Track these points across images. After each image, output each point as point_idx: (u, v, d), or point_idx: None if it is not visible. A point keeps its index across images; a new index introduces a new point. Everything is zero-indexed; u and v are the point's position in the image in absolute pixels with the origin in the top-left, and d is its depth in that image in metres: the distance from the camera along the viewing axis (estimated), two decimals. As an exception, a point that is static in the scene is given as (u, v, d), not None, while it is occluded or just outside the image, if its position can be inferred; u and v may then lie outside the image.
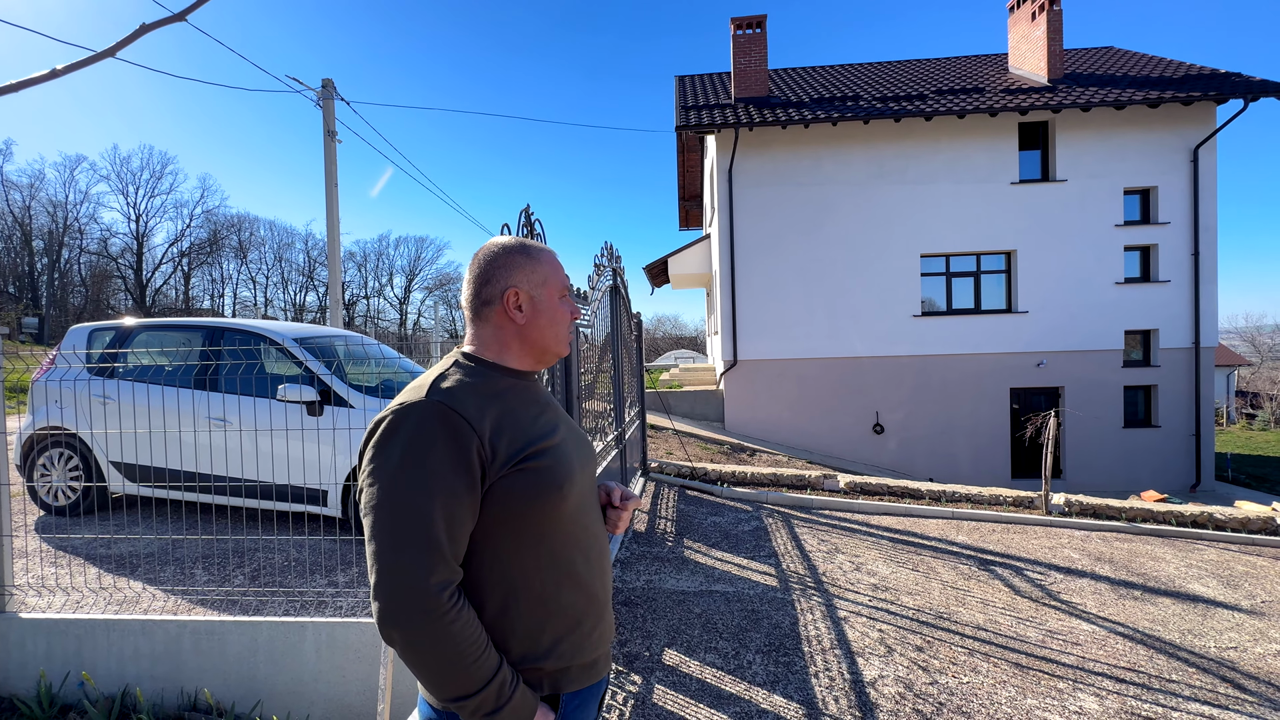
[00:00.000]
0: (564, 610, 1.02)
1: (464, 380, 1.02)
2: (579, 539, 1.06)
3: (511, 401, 1.04)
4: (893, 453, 12.16)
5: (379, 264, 54.52)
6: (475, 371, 1.05)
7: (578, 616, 1.04)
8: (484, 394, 1.01)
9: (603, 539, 1.14)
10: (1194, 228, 11.63)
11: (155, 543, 4.03)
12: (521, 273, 1.09)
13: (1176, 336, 11.83)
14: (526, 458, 0.98)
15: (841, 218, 12.15)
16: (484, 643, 0.92)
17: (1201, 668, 3.01)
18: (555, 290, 1.12)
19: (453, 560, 0.91)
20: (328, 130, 10.81)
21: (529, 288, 1.10)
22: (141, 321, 4.95)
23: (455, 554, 0.92)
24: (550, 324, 1.12)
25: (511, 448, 0.97)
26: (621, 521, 1.20)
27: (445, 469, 0.91)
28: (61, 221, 41.26)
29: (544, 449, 1.01)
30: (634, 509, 1.22)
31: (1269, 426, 28.94)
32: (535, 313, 1.10)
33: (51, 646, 2.43)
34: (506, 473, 0.96)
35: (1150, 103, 11.11)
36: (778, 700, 2.63)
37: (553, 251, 1.17)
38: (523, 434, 1.01)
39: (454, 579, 0.91)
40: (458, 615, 0.89)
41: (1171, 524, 5.46)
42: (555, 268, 1.13)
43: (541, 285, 1.11)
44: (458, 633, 0.88)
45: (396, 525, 0.88)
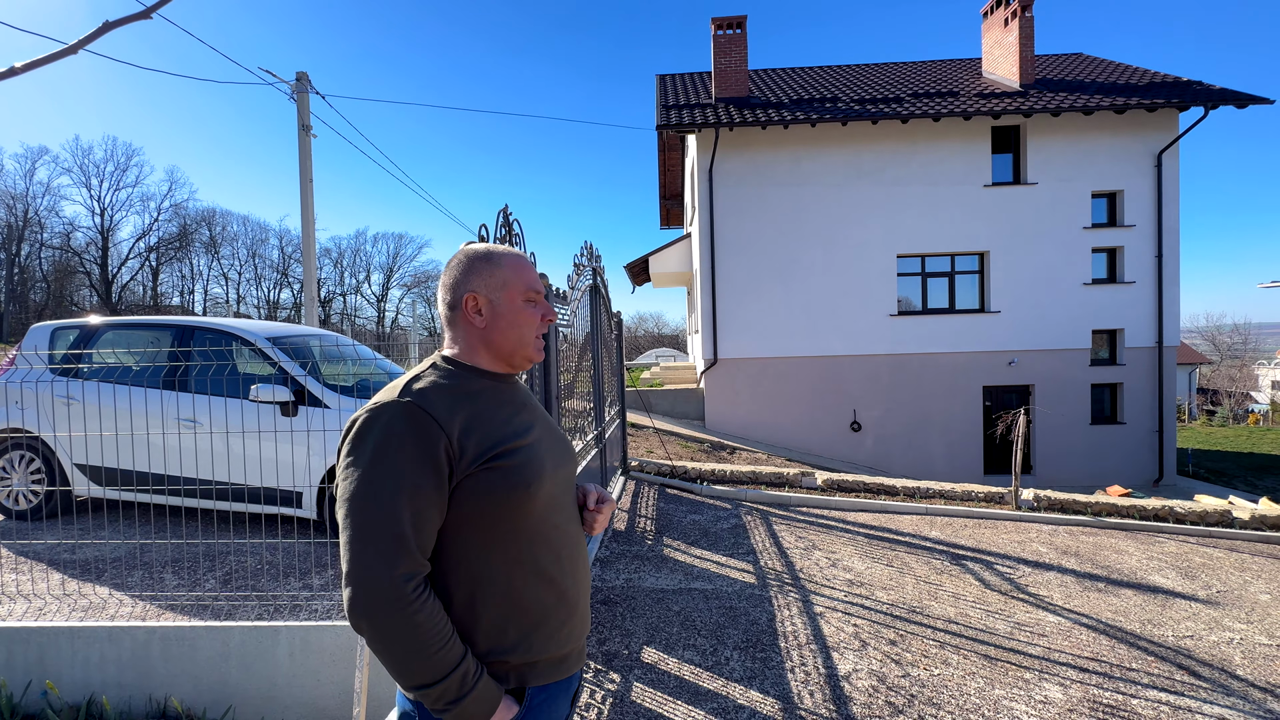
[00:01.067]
0: (531, 606, 1.04)
1: (437, 381, 1.06)
2: (549, 537, 1.08)
3: (484, 402, 1.07)
4: (870, 450, 12.36)
5: (356, 261, 53.66)
6: (450, 373, 1.09)
7: (545, 612, 1.06)
8: (456, 394, 1.04)
9: (577, 538, 1.16)
10: (1158, 230, 12.01)
11: (122, 547, 3.93)
12: (479, 278, 1.12)
13: (1141, 336, 12.21)
14: (495, 457, 1.01)
15: (820, 218, 12.30)
16: (448, 634, 0.95)
17: (1160, 656, 3.12)
18: (517, 293, 1.13)
19: (418, 554, 0.95)
20: (302, 124, 10.61)
21: (486, 292, 1.12)
22: (107, 320, 4.81)
23: (422, 547, 0.95)
24: (510, 327, 1.13)
25: (480, 447, 1.00)
26: (597, 523, 1.22)
27: (413, 467, 0.95)
28: (21, 215, 39.81)
29: (513, 449, 1.04)
30: (610, 511, 1.24)
31: (1228, 423, 30.02)
32: (495, 316, 1.12)
33: (12, 655, 2.36)
34: (474, 471, 0.99)
35: (1117, 109, 11.44)
36: (754, 695, 2.66)
37: (519, 255, 1.17)
38: (492, 434, 1.03)
39: (419, 571, 0.95)
40: (421, 606, 0.92)
41: (1135, 518, 5.64)
42: (518, 271, 1.14)
43: (500, 289, 1.12)
44: (421, 623, 0.92)
45: (366, 519, 0.94)
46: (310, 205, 10.67)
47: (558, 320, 3.67)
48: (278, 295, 50.75)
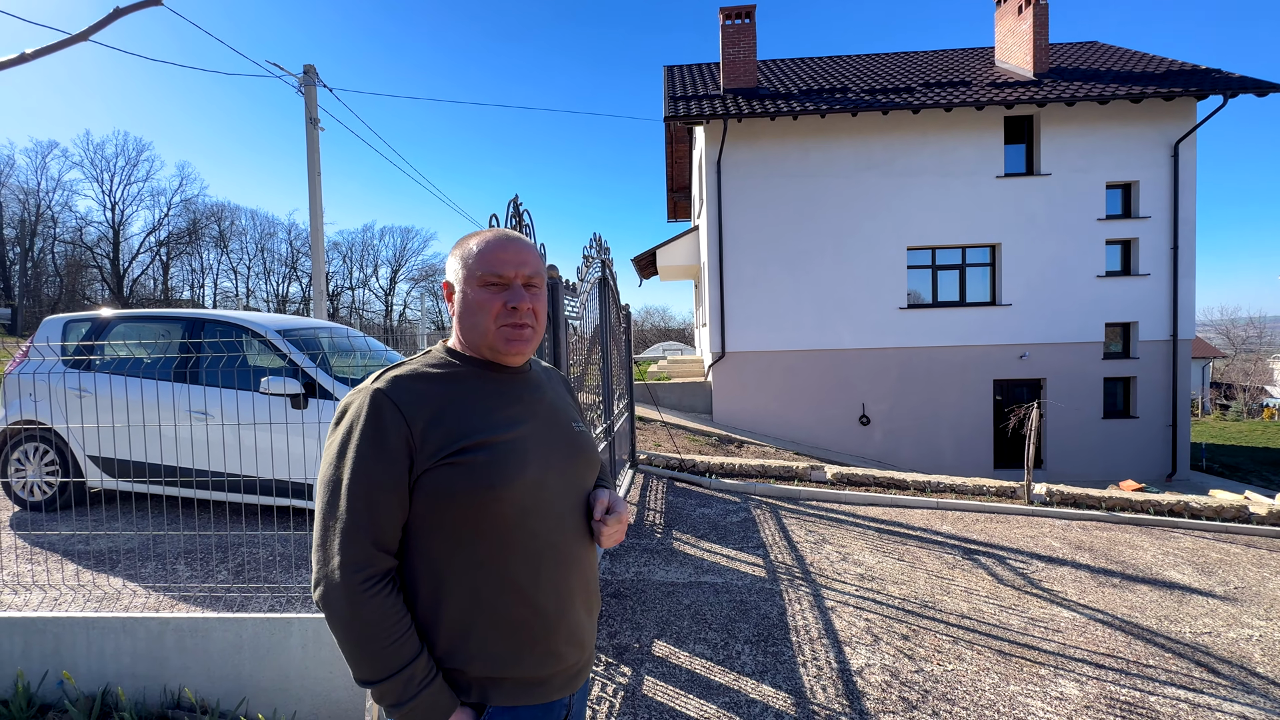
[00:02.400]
0: (499, 617, 0.97)
1: (419, 369, 1.02)
2: (525, 546, 0.98)
3: (467, 393, 1.01)
4: (878, 444, 12.29)
5: (364, 255, 53.89)
6: (441, 362, 1.05)
7: (514, 627, 0.97)
8: (436, 383, 1.00)
9: (570, 551, 1.04)
10: (1173, 222, 11.83)
11: (136, 538, 3.96)
12: (450, 265, 1.08)
13: (1155, 329, 12.05)
14: (459, 451, 0.94)
15: (829, 210, 12.19)
16: (399, 633, 0.91)
17: (1177, 653, 3.08)
18: (474, 277, 1.03)
19: (372, 545, 0.91)
20: (310, 118, 10.61)
21: (454, 279, 1.06)
22: (119, 313, 4.83)
23: (377, 539, 0.92)
24: (468, 314, 1.04)
25: (445, 439, 0.94)
26: (604, 536, 1.09)
27: (370, 456, 0.92)
28: (33, 209, 40.20)
29: (481, 444, 0.96)
30: (623, 524, 1.10)
31: (1242, 417, 29.67)
32: (462, 304, 1.05)
33: (29, 645, 2.38)
34: (434, 465, 0.93)
35: (1133, 98, 11.24)
36: (766, 690, 2.65)
37: (494, 236, 1.06)
38: (463, 426, 0.96)
39: (371, 564, 0.91)
40: (370, 599, 0.90)
41: (1149, 513, 5.58)
42: (479, 253, 1.03)
43: (460, 273, 1.05)
44: (368, 616, 0.89)
45: (326, 506, 0.93)
46: (318, 199, 10.68)
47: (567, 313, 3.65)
48: (286, 289, 51.11)
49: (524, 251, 1.05)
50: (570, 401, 1.22)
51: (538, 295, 1.06)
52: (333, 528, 0.92)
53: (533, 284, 1.05)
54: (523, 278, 1.04)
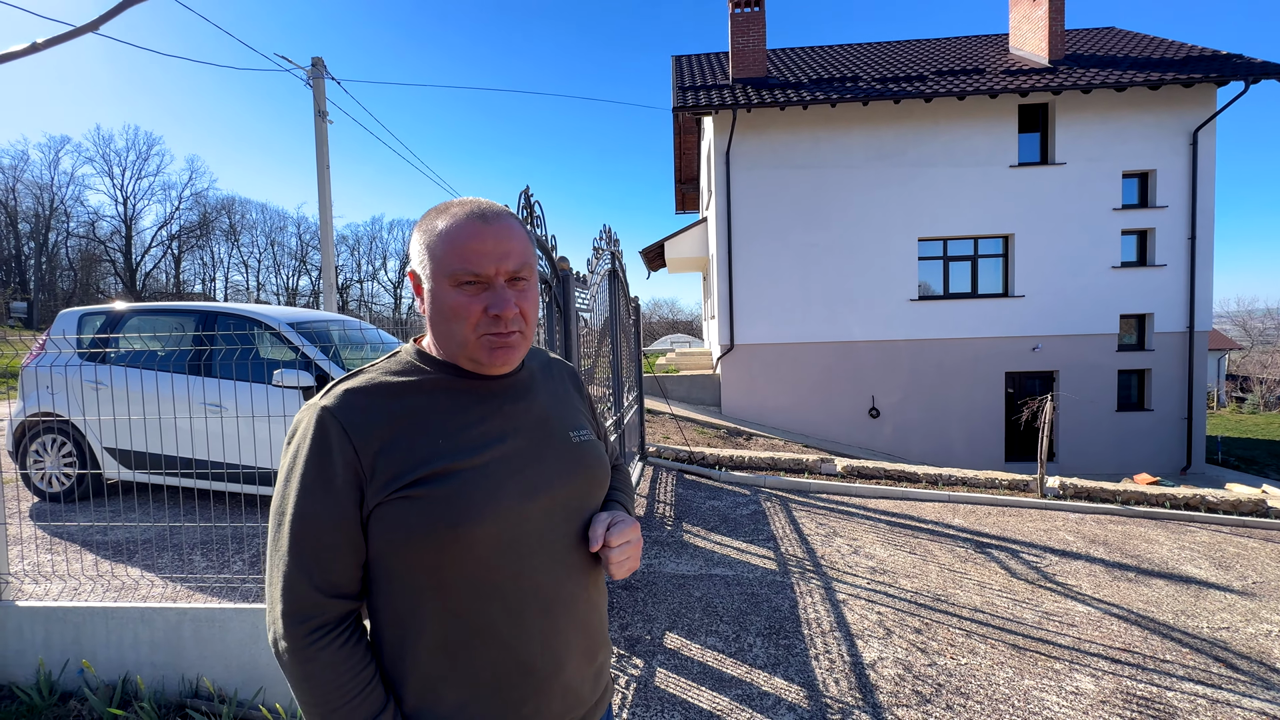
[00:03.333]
0: (475, 671, 0.82)
1: (378, 379, 0.85)
2: (504, 591, 0.82)
3: (432, 406, 0.84)
4: (888, 437, 12.23)
5: (372, 248, 54.12)
6: (408, 367, 0.87)
7: (495, 683, 0.82)
8: (396, 396, 0.83)
9: (564, 591, 0.87)
10: (1191, 211, 11.62)
11: (152, 529, 4.01)
12: (414, 248, 0.86)
13: (1171, 321, 11.88)
14: (415, 483, 0.78)
15: (839, 201, 12.07)
16: (355, 689, 0.78)
17: (1195, 648, 3.05)
18: (444, 274, 0.82)
19: (316, 591, 0.78)
20: (318, 110, 10.61)
21: (420, 269, 0.85)
22: (133, 306, 4.88)
23: (324, 584, 0.78)
24: (441, 319, 0.84)
25: (398, 467, 0.79)
26: (614, 565, 0.89)
27: (314, 488, 0.78)
28: (47, 204, 40.62)
29: (439, 474, 0.79)
30: (632, 552, 0.91)
31: (1259, 410, 29.27)
32: (432, 305, 0.84)
33: (50, 634, 2.42)
34: (387, 498, 0.78)
35: (1151, 84, 11.02)
36: (779, 682, 2.65)
37: (464, 216, 0.83)
38: (421, 451, 0.80)
39: (319, 612, 0.78)
40: (319, 653, 0.77)
41: (1165, 507, 5.52)
42: (451, 242, 0.81)
43: (428, 265, 0.84)
44: (313, 674, 0.77)
45: (272, 542, 0.80)
46: (327, 192, 10.70)
47: (579, 307, 3.64)
48: (296, 282, 51.43)
49: (506, 237, 0.83)
50: (575, 402, 1.03)
51: (526, 292, 0.85)
52: (276, 568, 0.79)
53: (519, 277, 0.84)
54: (506, 273, 0.83)
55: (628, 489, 1.10)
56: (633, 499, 1.13)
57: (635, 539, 0.91)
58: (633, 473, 5.99)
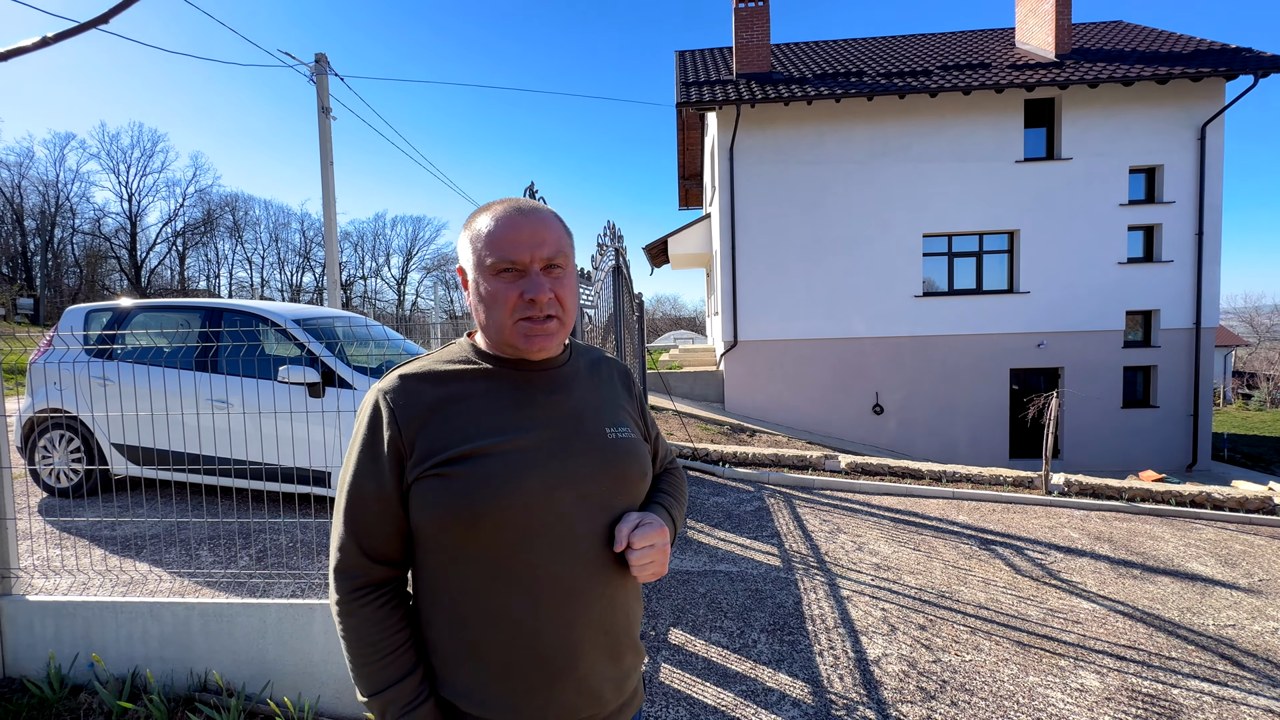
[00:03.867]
0: (488, 652, 0.85)
1: (430, 367, 0.92)
2: (520, 576, 0.84)
3: (473, 392, 0.89)
4: (892, 433, 12.21)
5: (376, 244, 54.15)
6: (458, 356, 0.94)
7: (508, 668, 0.85)
8: (443, 382, 0.90)
9: (585, 584, 0.87)
10: (1199, 207, 11.54)
11: (160, 524, 4.03)
12: (460, 247, 0.93)
13: (1178, 317, 11.81)
14: (445, 462, 0.83)
15: (844, 197, 12.03)
16: (388, 649, 0.85)
17: (1200, 645, 3.04)
18: (485, 264, 0.87)
19: (362, 557, 0.87)
20: (322, 107, 10.61)
21: (465, 264, 0.92)
22: (138, 302, 4.90)
23: (369, 548, 0.87)
24: (482, 307, 0.90)
25: (433, 446, 0.84)
26: (636, 566, 0.89)
27: (364, 461, 0.87)
28: (53, 201, 40.76)
29: (474, 454, 0.84)
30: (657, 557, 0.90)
31: (1265, 406, 29.11)
32: (475, 295, 0.91)
33: (60, 628, 2.44)
34: (421, 475, 0.84)
35: (1159, 79, 10.93)
36: (783, 679, 2.65)
37: (502, 211, 0.89)
38: (456, 433, 0.85)
39: (364, 573, 0.87)
40: (360, 610, 0.86)
41: (1170, 504, 5.50)
42: (491, 235, 0.87)
43: (470, 259, 0.90)
44: (353, 628, 0.86)
45: (335, 508, 0.90)
46: (331, 188, 10.71)
47: (584, 303, 3.64)
48: (300, 279, 51.52)
49: (541, 228, 0.88)
50: (622, 401, 1.04)
51: (562, 279, 0.90)
52: (335, 529, 0.89)
53: (555, 264, 0.89)
54: (541, 260, 0.87)
55: (675, 493, 1.08)
56: (681, 504, 1.10)
57: (661, 543, 0.90)
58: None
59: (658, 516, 0.94)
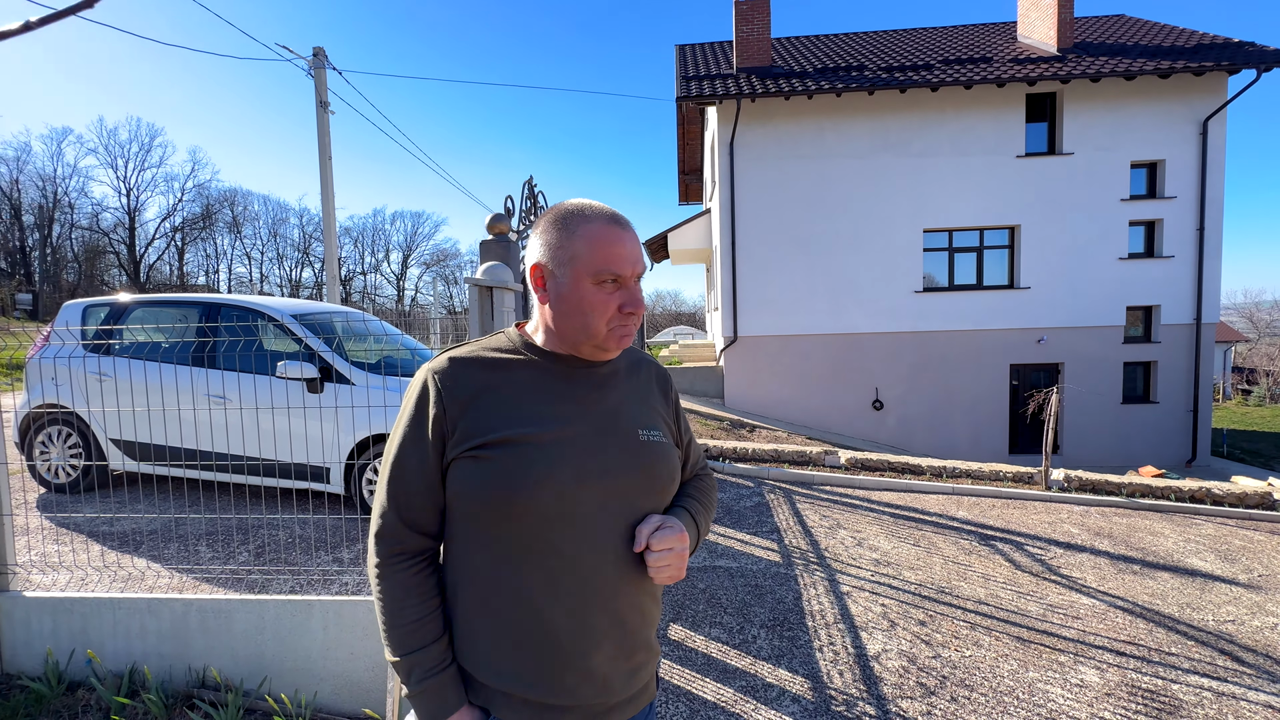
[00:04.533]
0: (507, 632, 0.89)
1: (478, 352, 0.96)
2: (544, 562, 0.87)
3: (517, 381, 0.93)
4: (891, 429, 12.21)
5: (375, 240, 54.02)
6: (507, 345, 0.98)
7: (522, 647, 0.88)
8: (489, 369, 0.94)
9: (605, 578, 0.90)
10: (1200, 202, 11.50)
11: (158, 520, 4.03)
12: (547, 246, 0.94)
13: (1178, 312, 11.80)
14: (483, 445, 0.87)
15: (844, 191, 11.99)
16: (418, 615, 0.90)
17: (1200, 641, 3.04)
18: (585, 272, 0.90)
19: (400, 523, 0.92)
20: (320, 101, 10.56)
21: (553, 265, 0.93)
22: (136, 297, 4.88)
23: (408, 518, 0.92)
24: (573, 313, 0.92)
25: (473, 428, 0.88)
26: (652, 569, 0.91)
27: (409, 435, 0.92)
28: (51, 196, 40.61)
29: (505, 441, 0.87)
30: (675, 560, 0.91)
31: (1264, 402, 29.12)
32: (557, 296, 0.94)
33: (57, 625, 2.43)
34: (459, 455, 0.88)
35: (1161, 73, 10.88)
36: (783, 674, 2.65)
37: (607, 222, 0.93)
38: (493, 418, 0.89)
39: (401, 541, 0.92)
40: (394, 575, 0.91)
41: (1170, 499, 5.49)
42: (592, 243, 0.91)
43: (566, 264, 0.92)
44: (388, 591, 0.91)
45: (381, 477, 0.95)
46: (330, 183, 10.67)
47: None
48: (299, 274, 51.44)
49: (636, 244, 0.95)
50: (656, 404, 1.06)
51: (641, 289, 0.98)
52: (379, 496, 0.94)
53: (639, 275, 0.96)
54: (636, 275, 0.95)
55: (703, 498, 1.09)
56: (709, 510, 1.11)
57: (680, 548, 0.92)
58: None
59: (680, 521, 0.96)
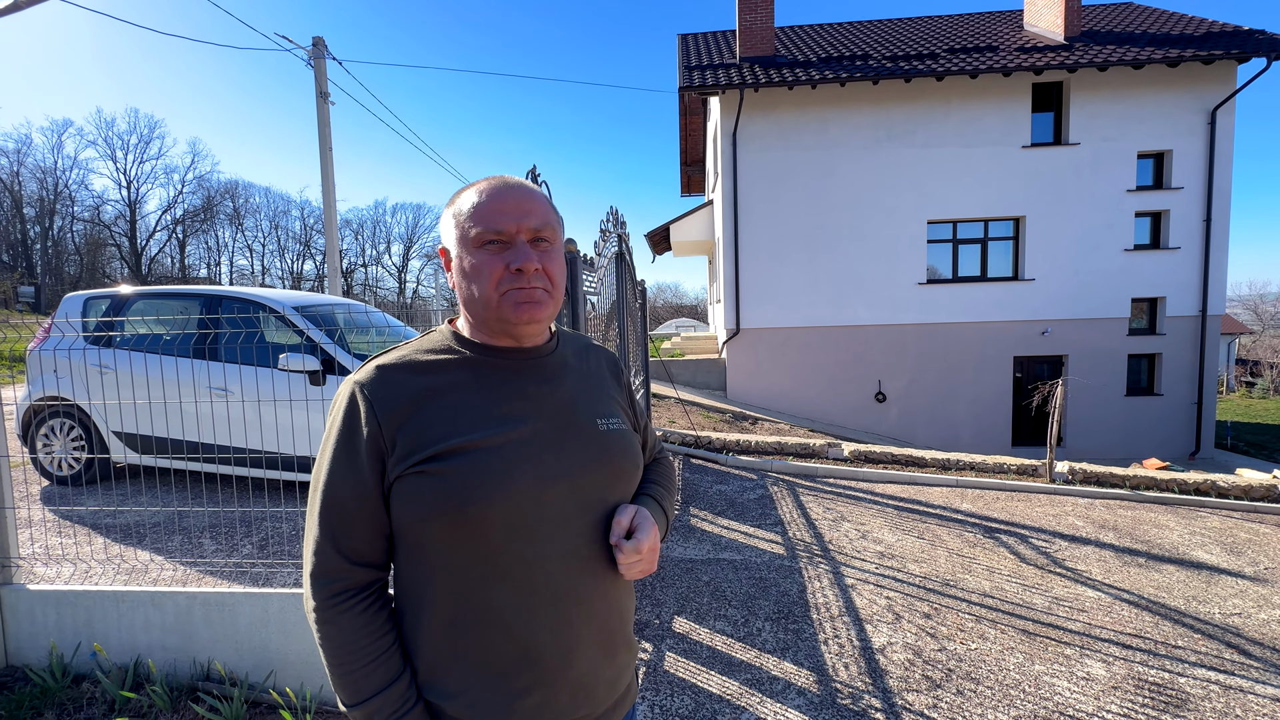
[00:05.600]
0: (479, 654, 0.81)
1: (410, 356, 0.86)
2: (513, 575, 0.81)
3: (458, 383, 0.84)
4: (894, 421, 12.19)
5: (376, 232, 53.88)
6: (439, 345, 0.89)
7: (500, 669, 0.81)
8: (424, 373, 0.84)
9: (578, 582, 0.84)
10: (1208, 193, 11.40)
11: (162, 513, 4.02)
12: (444, 225, 0.88)
13: (1184, 304, 11.72)
14: (430, 458, 0.79)
15: (847, 182, 11.90)
16: (372, 655, 0.80)
17: (1207, 634, 3.03)
18: (469, 238, 0.83)
19: (340, 557, 0.81)
20: (320, 92, 10.48)
21: (449, 242, 0.87)
22: (137, 290, 4.86)
23: (348, 550, 0.81)
24: (466, 282, 0.85)
25: (416, 442, 0.79)
26: (624, 566, 0.86)
27: (340, 458, 0.81)
28: (52, 188, 40.53)
29: (461, 449, 0.79)
30: (646, 556, 0.87)
31: (1268, 395, 29.05)
32: (459, 271, 0.86)
33: (61, 617, 2.43)
34: (404, 472, 0.79)
35: (1169, 62, 10.75)
36: (788, 667, 2.64)
37: (487, 185, 0.86)
38: (440, 427, 0.80)
39: (343, 577, 0.81)
40: (336, 617, 0.80)
41: (1175, 492, 5.47)
42: (476, 206, 0.83)
43: (454, 234, 0.85)
44: (333, 635, 0.80)
45: (309, 510, 0.84)
46: (330, 175, 10.61)
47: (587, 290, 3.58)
48: (301, 266, 51.37)
49: (528, 199, 0.85)
50: (611, 390, 1.00)
51: (550, 253, 0.86)
52: (309, 532, 0.83)
53: (542, 238, 0.85)
54: (528, 231, 0.83)
55: (666, 483, 1.05)
56: (673, 494, 1.07)
57: (652, 543, 0.87)
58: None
59: (650, 513, 0.92)
